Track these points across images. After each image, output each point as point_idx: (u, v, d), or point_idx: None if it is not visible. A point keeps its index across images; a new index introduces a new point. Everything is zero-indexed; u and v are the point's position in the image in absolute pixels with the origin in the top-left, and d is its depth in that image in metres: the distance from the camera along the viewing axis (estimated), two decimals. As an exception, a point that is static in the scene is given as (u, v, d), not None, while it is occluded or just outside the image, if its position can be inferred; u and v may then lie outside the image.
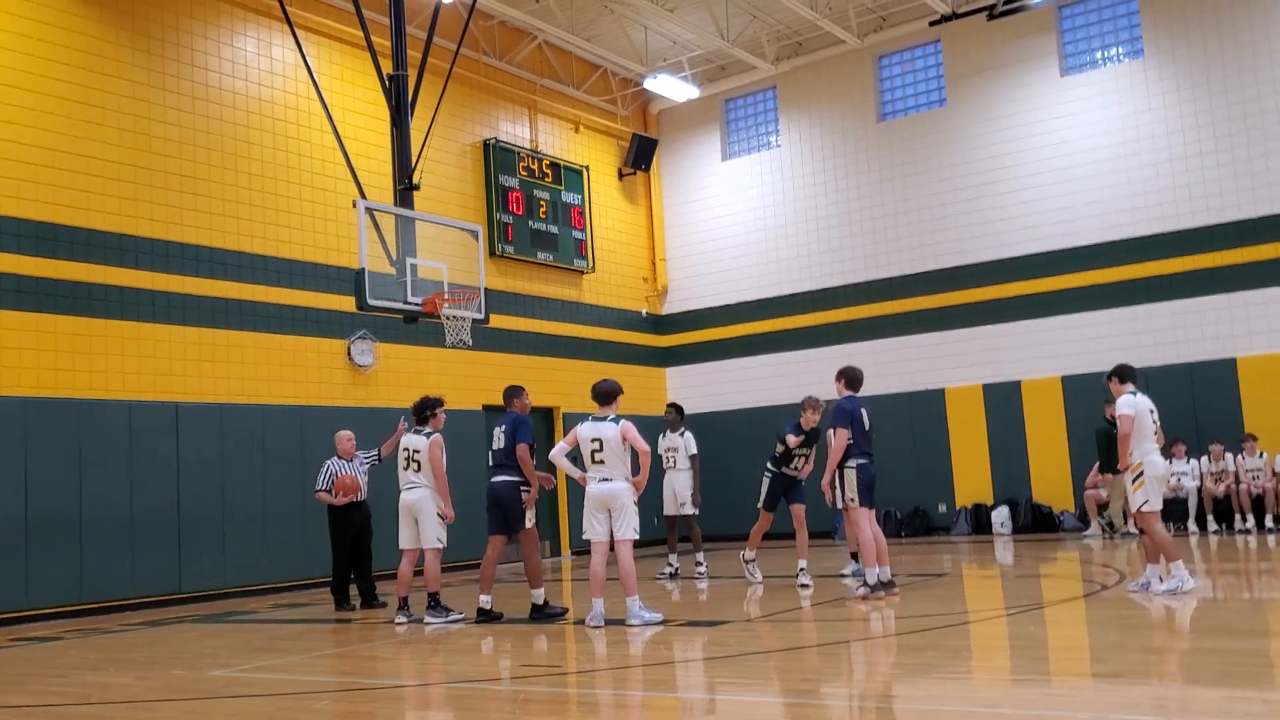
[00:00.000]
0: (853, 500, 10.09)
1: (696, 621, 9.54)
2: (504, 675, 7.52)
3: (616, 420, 9.25)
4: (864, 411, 10.22)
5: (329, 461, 12.00)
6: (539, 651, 8.48)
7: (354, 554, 11.94)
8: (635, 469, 9.29)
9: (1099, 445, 15.90)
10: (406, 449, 10.47)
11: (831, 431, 10.16)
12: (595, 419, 9.33)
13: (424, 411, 10.60)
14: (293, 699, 6.85)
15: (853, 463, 10.10)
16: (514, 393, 10.40)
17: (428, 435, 10.48)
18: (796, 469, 11.75)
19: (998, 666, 6.97)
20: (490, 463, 10.32)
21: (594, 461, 9.22)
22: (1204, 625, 7.97)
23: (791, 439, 11.40)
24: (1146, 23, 17.95)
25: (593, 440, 9.22)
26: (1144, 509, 9.18)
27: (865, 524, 10.04)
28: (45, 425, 12.56)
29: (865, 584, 10.07)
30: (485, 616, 9.98)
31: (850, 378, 10.40)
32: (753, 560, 12.26)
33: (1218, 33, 17.31)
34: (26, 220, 12.80)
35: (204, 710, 6.58)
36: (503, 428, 10.16)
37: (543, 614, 9.90)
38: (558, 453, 9.44)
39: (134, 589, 13.14)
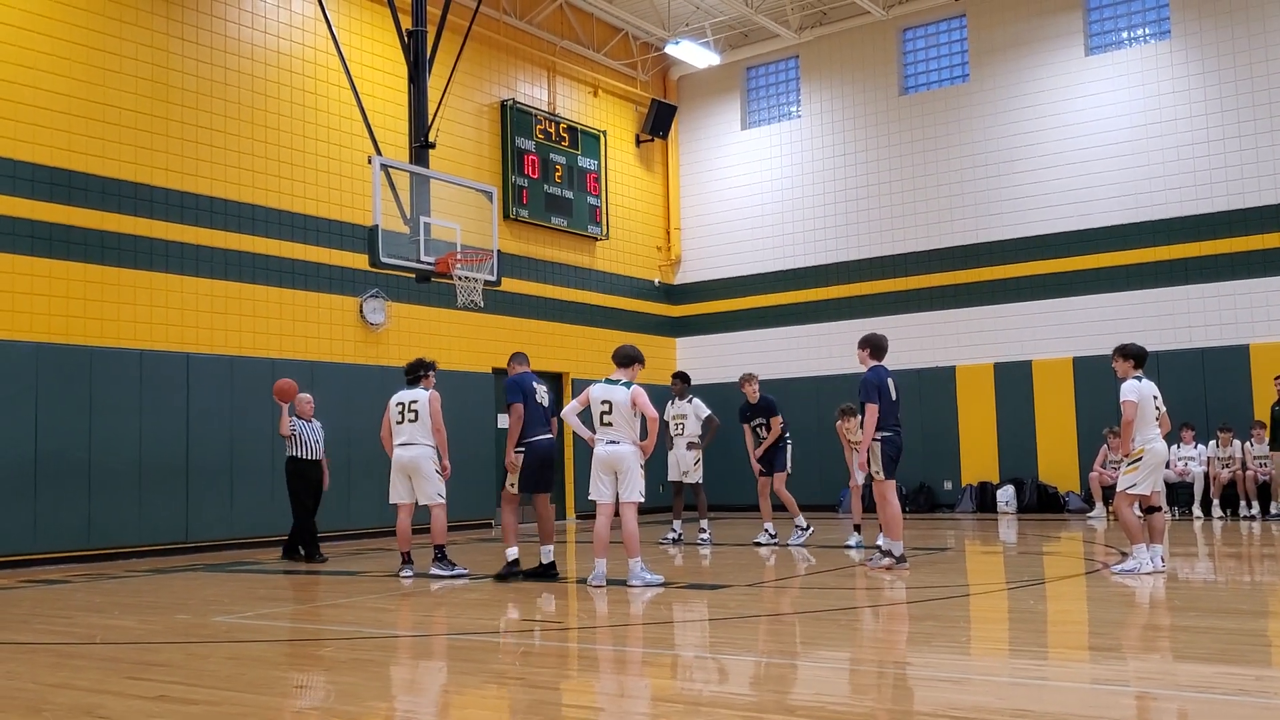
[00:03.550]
0: (878, 473, 10.05)
1: (698, 584, 9.59)
2: (506, 629, 7.57)
3: (628, 385, 9.27)
4: (890, 381, 10.11)
5: (289, 420, 12.33)
6: (541, 608, 8.53)
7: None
8: (644, 434, 9.33)
9: (1276, 421, 15.17)
10: (402, 402, 10.44)
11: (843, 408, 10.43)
12: (609, 381, 9.35)
13: (419, 371, 10.60)
14: (295, 645, 6.91)
15: (878, 435, 10.04)
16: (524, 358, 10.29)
17: (424, 390, 10.50)
18: (758, 434, 12.89)
19: (996, 638, 7.00)
20: (539, 419, 9.87)
21: (602, 424, 9.26)
22: (1202, 605, 7.98)
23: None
24: (1175, 3, 17.77)
25: (602, 402, 9.25)
26: (1128, 490, 9.16)
27: (892, 497, 10.01)
28: (57, 371, 12.63)
29: (890, 555, 10.04)
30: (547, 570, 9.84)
31: (875, 346, 10.27)
32: (767, 528, 13.03)
33: (1245, 17, 17.14)
34: (42, 166, 12.83)
35: (205, 653, 6.65)
36: (546, 387, 10.13)
37: (548, 573, 9.85)
38: (569, 411, 9.47)
39: (142, 536, 13.25)
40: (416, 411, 10.36)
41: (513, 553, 9.85)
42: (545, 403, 10.00)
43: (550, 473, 10.04)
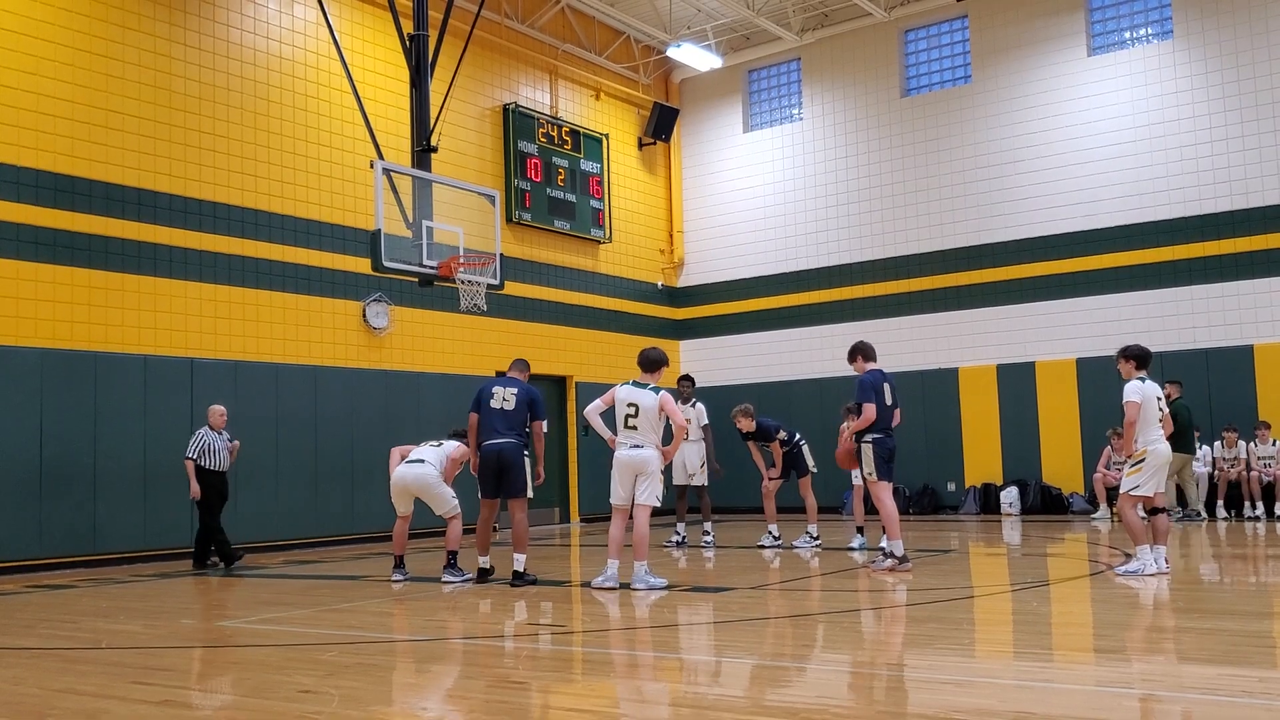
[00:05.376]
0: (871, 474, 10.10)
1: (702, 587, 9.59)
2: (509, 633, 7.57)
3: (656, 390, 9.28)
4: (887, 385, 10.20)
5: (201, 430, 12.43)
6: (545, 611, 8.53)
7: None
8: (666, 439, 9.35)
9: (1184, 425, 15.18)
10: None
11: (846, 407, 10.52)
12: (636, 384, 9.35)
13: (459, 435, 10.71)
14: (298, 649, 6.92)
15: (869, 437, 10.11)
16: (526, 365, 10.34)
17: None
18: (762, 449, 13.26)
19: (999, 640, 6.99)
20: (492, 423, 9.78)
21: (626, 426, 9.25)
22: (1206, 606, 7.98)
23: None
24: (1177, 4, 17.76)
25: (629, 405, 9.25)
26: (1131, 492, 9.17)
27: (887, 497, 10.04)
28: (61, 377, 12.65)
29: (893, 556, 10.06)
30: (486, 577, 10.00)
31: (866, 352, 10.41)
32: (771, 530, 13.19)
33: (1248, 17, 17.13)
34: (45, 172, 12.85)
35: (210, 658, 6.66)
36: (514, 391, 9.87)
37: (523, 580, 9.79)
38: (592, 409, 9.42)
39: (146, 541, 13.27)
40: (441, 443, 10.61)
41: (484, 561, 9.95)
42: (508, 405, 9.77)
43: (504, 475, 9.70)
